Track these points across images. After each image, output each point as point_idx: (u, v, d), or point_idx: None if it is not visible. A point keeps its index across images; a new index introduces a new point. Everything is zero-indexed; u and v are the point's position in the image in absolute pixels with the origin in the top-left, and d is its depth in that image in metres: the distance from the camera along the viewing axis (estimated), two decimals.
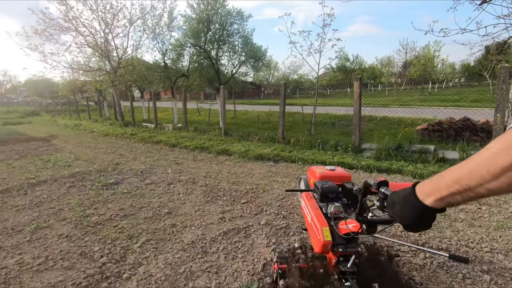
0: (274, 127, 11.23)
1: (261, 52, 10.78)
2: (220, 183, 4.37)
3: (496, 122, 4.45)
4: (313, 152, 6.03)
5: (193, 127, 9.84)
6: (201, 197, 3.81)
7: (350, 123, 12.37)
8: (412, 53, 34.94)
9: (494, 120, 4.50)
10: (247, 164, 5.61)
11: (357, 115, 5.86)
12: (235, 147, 6.84)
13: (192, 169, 5.31)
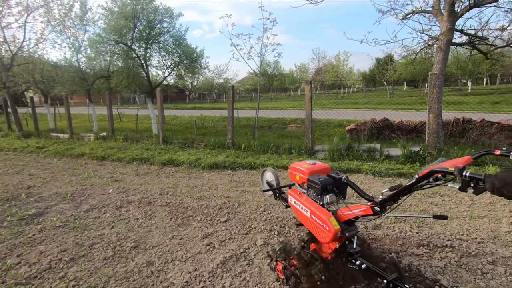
0: (213, 132, 10.77)
1: (196, 53, 10.16)
2: (184, 200, 3.78)
3: (430, 121, 5.12)
4: (268, 157, 5.89)
5: (122, 136, 8.55)
6: (169, 220, 3.19)
7: (285, 125, 12.88)
8: (323, 61, 39.04)
9: (428, 120, 5.17)
10: (203, 175, 5.08)
11: (309, 118, 5.99)
12: (181, 156, 6.17)
13: (140, 186, 4.49)
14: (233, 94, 6.81)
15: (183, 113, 18.44)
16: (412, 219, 2.90)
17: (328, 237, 1.67)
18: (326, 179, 1.83)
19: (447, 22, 5.48)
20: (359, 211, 1.73)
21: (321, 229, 1.71)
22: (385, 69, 26.77)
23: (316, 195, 1.88)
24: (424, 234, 2.59)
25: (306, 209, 1.82)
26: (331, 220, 1.68)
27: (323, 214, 1.72)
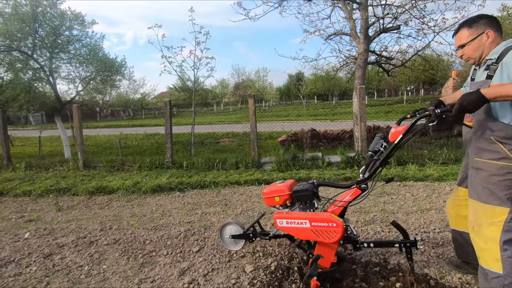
0: (140, 151, 9.77)
1: (117, 64, 9.10)
2: (136, 233, 3.20)
3: (361, 129, 5.76)
4: (216, 174, 5.62)
5: (23, 164, 6.90)
6: (126, 261, 2.62)
7: (218, 140, 12.67)
8: (242, 76, 40.60)
9: (359, 128, 5.80)
10: (147, 201, 4.46)
11: (254, 131, 6.00)
12: (113, 182, 5.33)
13: (68, 224, 3.63)
14: (170, 109, 6.32)
15: (96, 133, 16.24)
16: (377, 220, 3.12)
17: (339, 232, 1.73)
18: (309, 185, 1.96)
19: (363, 44, 6.37)
20: (348, 197, 1.89)
21: (328, 230, 1.75)
22: (300, 84, 29.57)
23: (304, 205, 1.96)
24: (394, 231, 2.80)
25: (304, 220, 1.82)
26: (333, 217, 1.77)
27: (322, 215, 1.78)
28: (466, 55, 1.75)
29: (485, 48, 1.69)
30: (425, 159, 5.46)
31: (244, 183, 4.96)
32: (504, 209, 1.53)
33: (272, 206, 2.04)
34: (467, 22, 1.75)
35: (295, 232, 1.88)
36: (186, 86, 36.37)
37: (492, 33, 1.66)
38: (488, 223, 1.57)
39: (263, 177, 5.09)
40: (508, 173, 1.54)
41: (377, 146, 1.87)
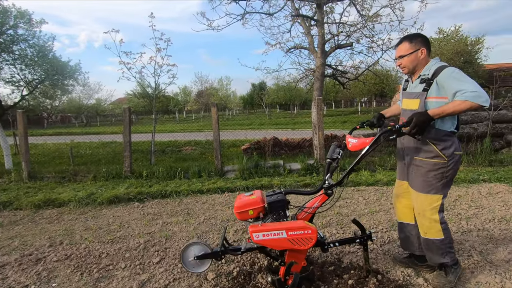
0: (95, 161, 9.20)
1: (69, 67, 8.51)
2: (90, 247, 3.02)
3: (319, 138, 6.09)
4: (178, 183, 5.51)
5: None
6: (80, 277, 2.47)
7: (180, 148, 12.39)
8: (205, 84, 40.30)
9: (318, 136, 6.13)
10: (103, 212, 4.23)
11: (217, 140, 6.02)
12: (64, 194, 4.98)
13: (11, 241, 3.30)
14: (129, 116, 6.09)
15: (43, 140, 14.89)
16: (333, 223, 3.33)
17: (314, 238, 1.82)
18: (281, 195, 2.02)
19: (321, 58, 6.80)
20: (317, 203, 2.01)
21: (304, 238, 1.82)
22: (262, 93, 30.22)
23: (277, 215, 1.98)
24: (348, 233, 3.02)
25: (281, 231, 1.84)
26: (307, 224, 1.86)
27: (298, 224, 1.85)
28: (403, 64, 2.05)
29: (418, 63, 2.03)
30: (376, 165, 5.94)
31: (206, 192, 4.94)
32: (439, 196, 1.99)
33: (244, 220, 2.00)
34: (409, 37, 2.06)
35: (272, 244, 1.88)
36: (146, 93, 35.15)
37: (425, 51, 2.01)
38: (430, 208, 2.00)
39: (226, 185, 5.12)
40: (440, 168, 1.95)
41: (335, 154, 2.05)
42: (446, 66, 1.91)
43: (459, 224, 3.15)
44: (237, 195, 2.26)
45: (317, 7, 6.47)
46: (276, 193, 2.04)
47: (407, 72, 2.08)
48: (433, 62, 2.00)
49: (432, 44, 22.53)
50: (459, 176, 4.99)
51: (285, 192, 2.06)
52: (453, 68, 1.88)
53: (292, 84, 8.80)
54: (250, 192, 2.10)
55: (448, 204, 3.78)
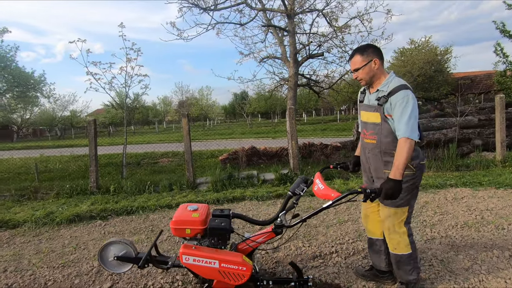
0: (64, 176, 8.73)
1: (34, 79, 8.12)
2: (37, 274, 2.76)
3: (293, 147, 6.07)
4: (147, 197, 5.28)
5: None
6: None
7: (156, 160, 12.04)
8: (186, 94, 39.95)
9: (291, 146, 6.10)
10: (60, 233, 3.94)
11: (188, 151, 5.86)
12: (20, 214, 4.64)
13: None
14: (95, 129, 5.83)
15: (10, 155, 14.06)
16: (300, 235, 3.25)
17: (246, 276, 1.71)
18: (227, 222, 1.87)
19: (293, 67, 6.85)
20: (262, 239, 1.91)
21: (236, 273, 1.71)
22: (243, 103, 30.26)
23: (217, 241, 1.86)
24: (314, 245, 2.94)
25: (214, 260, 1.72)
26: (244, 259, 1.75)
27: (234, 258, 1.73)
28: (360, 77, 2.01)
29: (375, 74, 1.99)
30: (349, 173, 5.96)
31: (175, 206, 4.74)
32: (406, 208, 1.97)
33: (179, 237, 1.89)
34: (360, 50, 2.02)
35: (200, 271, 1.76)
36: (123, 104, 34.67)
37: (378, 61, 1.97)
38: (398, 222, 1.98)
39: (196, 199, 4.95)
40: (410, 179, 1.93)
41: (298, 189, 1.98)
42: (401, 87, 1.88)
43: (423, 232, 3.15)
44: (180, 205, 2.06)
45: (287, 17, 6.55)
46: (223, 215, 1.91)
47: (365, 84, 2.05)
48: (390, 78, 1.97)
49: (405, 54, 23.61)
50: (427, 182, 5.08)
51: (232, 215, 1.95)
52: (405, 93, 1.85)
53: (268, 93, 8.79)
54: (195, 206, 1.95)
55: (415, 212, 3.79)
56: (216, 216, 1.92)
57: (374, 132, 2.00)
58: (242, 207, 4.52)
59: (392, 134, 1.91)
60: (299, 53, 6.90)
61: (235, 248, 1.93)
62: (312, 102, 32.21)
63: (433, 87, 20.65)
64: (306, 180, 2.02)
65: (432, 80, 20.54)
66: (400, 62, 23.16)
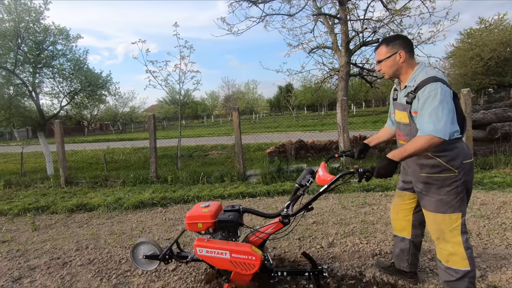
0: (127, 166, 9.63)
1: (101, 78, 9.05)
2: (112, 253, 3.11)
3: (344, 140, 5.83)
4: (201, 187, 5.56)
5: (2, 182, 6.70)
6: (99, 282, 2.53)
7: (206, 152, 12.61)
8: (232, 88, 40.92)
9: (342, 139, 5.87)
10: (128, 217, 4.36)
11: (239, 144, 6.00)
12: (95, 199, 5.22)
13: (43, 244, 3.51)
14: (154, 123, 6.29)
15: (83, 147, 15.95)
16: (356, 232, 3.12)
17: (256, 265, 1.79)
18: (235, 215, 1.96)
19: (345, 57, 6.53)
20: (270, 229, 1.98)
21: (246, 263, 1.79)
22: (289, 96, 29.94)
23: (227, 234, 1.96)
24: (372, 243, 2.80)
25: (225, 251, 1.83)
26: (253, 249, 1.83)
27: (244, 248, 1.82)
28: (382, 70, 1.87)
29: (399, 67, 1.82)
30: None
31: (228, 197, 4.92)
32: (458, 214, 1.73)
33: (193, 231, 2.02)
34: (386, 40, 1.87)
35: (214, 262, 1.88)
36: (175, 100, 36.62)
37: (403, 53, 1.79)
38: (450, 230, 1.74)
39: (247, 190, 5.06)
40: (453, 182, 1.70)
41: (304, 180, 1.99)
42: (430, 80, 1.67)
43: (503, 236, 2.79)
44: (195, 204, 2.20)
45: (339, 4, 6.23)
46: (233, 210, 1.99)
47: (388, 77, 1.90)
48: (418, 71, 1.78)
49: (472, 35, 20.91)
50: (504, 180, 4.48)
51: (243, 210, 2.02)
52: (434, 86, 1.63)
53: (317, 85, 8.54)
54: (207, 203, 2.07)
55: (490, 212, 3.38)
56: (227, 211, 2.00)
57: (405, 133, 1.85)
58: None
59: None
60: (352, 41, 6.54)
61: (246, 240, 1.99)
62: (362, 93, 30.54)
63: (508, 71, 18.01)
64: (312, 171, 2.01)
65: (507, 63, 17.90)
66: (466, 45, 20.61)
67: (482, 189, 4.22)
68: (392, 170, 1.62)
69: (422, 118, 1.64)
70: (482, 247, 2.60)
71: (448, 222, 1.73)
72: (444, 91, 1.62)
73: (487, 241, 2.70)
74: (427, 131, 1.58)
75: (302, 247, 2.88)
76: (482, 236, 2.81)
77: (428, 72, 1.72)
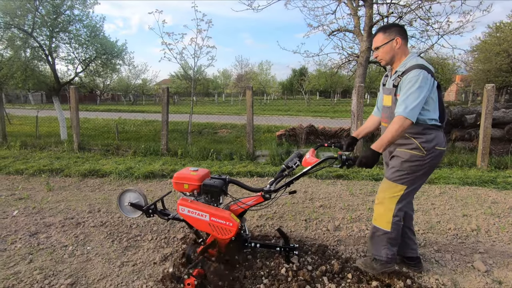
0: (137, 137, 9.77)
1: (117, 47, 9.00)
2: (123, 217, 3.21)
3: (357, 127, 5.74)
4: (210, 163, 5.62)
5: (19, 142, 6.89)
6: (110, 244, 2.64)
7: (216, 130, 12.65)
8: (245, 68, 40.30)
9: (356, 126, 5.79)
10: (138, 186, 4.47)
11: (250, 123, 5.98)
12: (106, 166, 5.34)
13: (58, 204, 3.64)
14: (168, 96, 6.28)
15: (95, 116, 16.18)
16: (363, 218, 3.14)
17: (232, 231, 1.85)
18: (220, 182, 2.02)
19: (366, 42, 6.30)
20: (251, 202, 2.06)
21: (224, 228, 1.86)
22: (302, 79, 29.38)
23: (210, 198, 2.03)
24: None
25: (205, 213, 1.90)
26: (232, 216, 1.89)
27: (223, 213, 1.88)
28: (379, 56, 1.97)
29: (395, 54, 1.93)
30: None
31: (236, 174, 4.97)
32: (403, 186, 1.92)
33: (179, 191, 2.11)
34: (383, 28, 1.98)
35: (193, 222, 1.96)
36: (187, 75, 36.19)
37: (400, 40, 1.91)
38: (390, 197, 1.95)
39: (256, 170, 5.10)
40: (416, 160, 1.86)
41: (291, 163, 2.07)
42: (415, 66, 1.79)
43: None
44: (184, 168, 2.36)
45: None
46: (220, 178, 2.06)
47: (385, 64, 2.00)
48: (409, 58, 1.90)
49: (502, 29, 19.81)
50: None
51: (228, 180, 2.08)
52: (416, 72, 1.76)
53: (333, 69, 8.32)
54: (196, 168, 2.13)
55: (501, 211, 3.34)
56: (213, 178, 2.07)
57: (387, 115, 1.99)
58: (301, 183, 4.52)
59: None
60: (375, 26, 6.27)
61: (227, 208, 2.07)
62: (378, 82, 29.70)
63: None
64: (300, 155, 2.10)
65: None
66: (494, 39, 19.59)
67: (494, 188, 4.15)
68: (374, 161, 1.73)
69: (399, 103, 1.77)
70: (490, 244, 2.59)
71: (392, 190, 1.93)
72: (425, 79, 1.74)
73: (496, 238, 2.69)
74: (398, 112, 1.74)
75: (308, 228, 2.92)
76: (491, 233, 2.79)
77: (418, 60, 1.84)
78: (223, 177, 2.07)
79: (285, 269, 2.10)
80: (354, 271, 2.11)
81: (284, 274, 2.05)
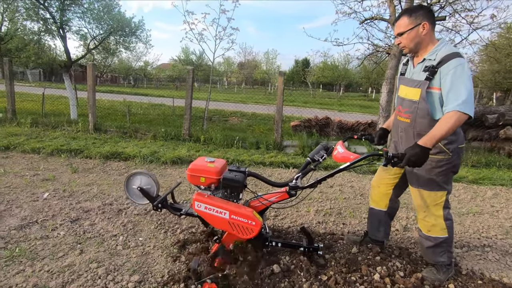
0: (147, 120, 9.42)
1: (134, 24, 8.51)
2: None
3: None
4: (237, 152, 5.36)
5: (29, 120, 6.51)
6: (164, 235, 2.38)
7: (226, 118, 12.33)
8: (249, 56, 39.58)
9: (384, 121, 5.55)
10: (168, 172, 4.21)
11: (280, 112, 5.71)
12: (127, 149, 5.05)
13: (89, 188, 3.36)
14: (192, 79, 5.94)
15: (99, 97, 15.64)
16: None
17: (255, 231, 1.69)
18: (241, 176, 1.83)
19: None
20: (274, 198, 1.88)
21: (245, 227, 1.70)
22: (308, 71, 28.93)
23: (229, 194, 1.84)
24: None
25: (225, 211, 1.71)
26: (255, 214, 1.72)
27: (245, 211, 1.72)
28: (403, 43, 1.76)
29: (421, 41, 1.72)
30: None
31: (269, 165, 4.73)
32: (443, 192, 1.82)
33: (194, 185, 1.88)
34: (408, 11, 1.75)
35: (211, 220, 1.77)
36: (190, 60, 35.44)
37: (427, 25, 1.69)
38: (434, 205, 1.84)
39: (288, 161, 4.86)
40: (445, 164, 1.76)
41: (318, 156, 1.90)
42: (454, 55, 1.60)
43: None
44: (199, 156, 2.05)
45: None
46: (238, 171, 1.84)
47: (409, 52, 1.80)
48: (441, 45, 1.70)
49: None
50: None
51: (248, 173, 1.88)
52: (458, 61, 1.58)
53: (359, 59, 8.03)
54: (212, 159, 1.92)
55: None
56: (232, 170, 1.88)
57: (410, 110, 1.80)
58: (341, 177, 4.30)
59: (429, 115, 1.71)
60: None
61: (248, 204, 1.90)
62: None
63: None
64: (327, 147, 1.93)
65: None
66: (503, 39, 19.29)
67: None
68: (425, 158, 1.55)
69: (451, 96, 1.58)
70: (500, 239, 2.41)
71: (434, 199, 1.82)
72: (468, 69, 1.60)
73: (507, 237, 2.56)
74: (451, 107, 1.56)
75: None
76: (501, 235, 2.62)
77: (452, 48, 1.68)
78: (242, 170, 1.87)
79: (378, 275, 1.88)
80: (454, 280, 1.90)
81: (379, 280, 1.84)
